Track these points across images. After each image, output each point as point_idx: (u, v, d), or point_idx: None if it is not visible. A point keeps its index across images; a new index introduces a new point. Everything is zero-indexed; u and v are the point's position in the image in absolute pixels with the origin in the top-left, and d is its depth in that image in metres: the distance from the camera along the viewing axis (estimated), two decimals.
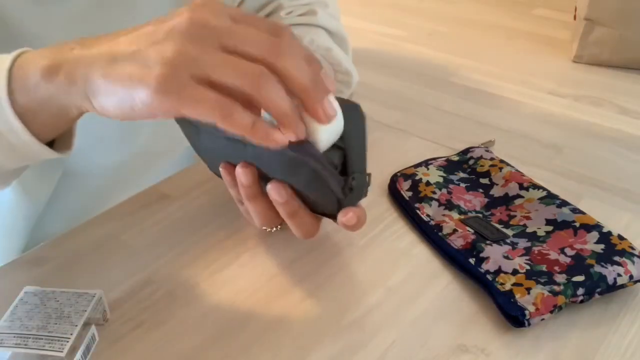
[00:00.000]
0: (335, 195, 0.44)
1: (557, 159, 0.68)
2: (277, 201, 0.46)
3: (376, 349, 0.45)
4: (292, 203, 0.46)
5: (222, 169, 0.48)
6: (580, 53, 0.92)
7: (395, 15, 1.14)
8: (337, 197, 0.44)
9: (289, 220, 0.47)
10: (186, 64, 0.36)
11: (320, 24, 0.69)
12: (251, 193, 0.47)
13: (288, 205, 0.46)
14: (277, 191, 0.45)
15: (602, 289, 0.47)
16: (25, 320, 0.44)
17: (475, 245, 0.51)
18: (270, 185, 0.45)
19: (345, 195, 0.44)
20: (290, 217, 0.47)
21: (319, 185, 0.44)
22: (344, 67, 0.69)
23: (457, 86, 0.85)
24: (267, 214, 0.48)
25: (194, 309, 0.49)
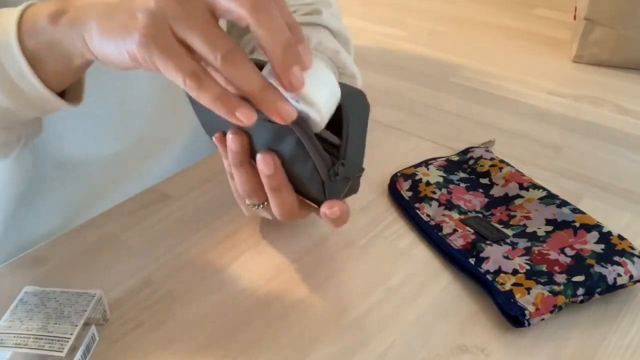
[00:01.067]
0: (320, 176, 0.43)
1: (557, 159, 0.68)
2: (263, 172, 0.45)
3: (376, 349, 0.45)
4: (278, 177, 0.45)
5: (216, 138, 0.48)
6: (580, 53, 0.92)
7: (395, 15, 1.14)
8: (321, 178, 0.43)
9: (271, 195, 0.47)
10: (167, 18, 0.37)
11: (324, 23, 0.69)
12: (238, 160, 0.47)
13: (273, 179, 0.45)
14: (265, 162, 0.45)
15: (602, 289, 0.47)
16: (25, 320, 0.44)
17: (475, 245, 0.51)
18: (259, 155, 0.45)
19: (330, 179, 0.43)
20: (274, 192, 0.46)
21: (302, 160, 0.43)
22: (350, 70, 0.69)
23: (457, 86, 0.85)
24: (252, 184, 0.47)
25: (194, 309, 0.49)
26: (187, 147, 0.75)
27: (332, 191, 0.44)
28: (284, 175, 0.46)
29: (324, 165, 0.43)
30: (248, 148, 0.46)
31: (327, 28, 0.69)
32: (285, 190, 0.46)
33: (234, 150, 0.46)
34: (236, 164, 0.47)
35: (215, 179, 0.64)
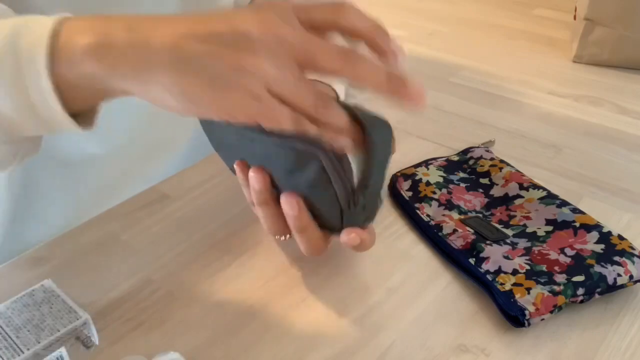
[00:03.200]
0: (339, 204, 0.43)
1: (557, 159, 0.68)
2: (288, 213, 0.45)
3: (376, 349, 0.45)
4: (303, 217, 0.45)
5: (237, 167, 0.48)
6: (580, 53, 0.92)
7: (395, 15, 1.14)
8: (340, 207, 0.44)
9: (297, 235, 0.47)
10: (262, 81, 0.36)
11: None
12: (262, 199, 0.47)
13: (299, 219, 0.46)
14: (289, 203, 0.45)
15: (602, 289, 0.47)
16: (14, 314, 0.43)
17: (475, 245, 0.51)
18: (283, 197, 0.45)
19: (349, 207, 0.43)
20: (300, 232, 0.47)
21: (324, 188, 0.43)
22: None
23: (457, 86, 0.85)
24: (277, 222, 0.48)
25: (194, 309, 0.49)
26: (188, 148, 0.75)
27: (350, 220, 0.45)
28: (308, 214, 0.46)
29: (344, 194, 0.43)
30: (270, 186, 0.46)
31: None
32: (311, 229, 0.46)
33: (257, 189, 0.46)
34: (260, 202, 0.47)
35: (215, 179, 0.64)
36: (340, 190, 0.43)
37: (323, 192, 0.44)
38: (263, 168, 0.46)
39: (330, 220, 0.46)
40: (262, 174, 0.46)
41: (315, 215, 0.46)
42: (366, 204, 0.44)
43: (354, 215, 0.44)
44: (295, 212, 0.45)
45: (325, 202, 0.44)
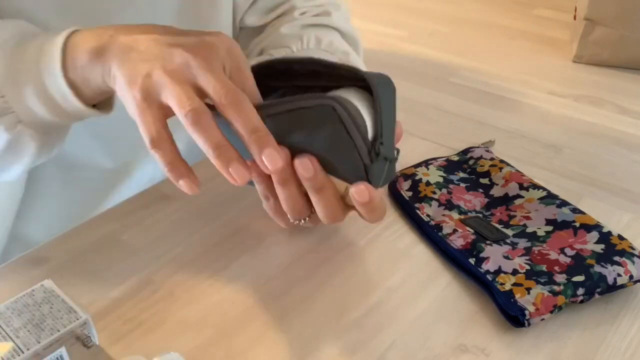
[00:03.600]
0: (361, 158, 0.42)
1: (557, 159, 0.68)
2: (303, 176, 0.45)
3: (376, 349, 0.45)
4: (320, 177, 0.45)
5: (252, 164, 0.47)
6: (580, 53, 0.92)
7: (395, 15, 1.14)
8: (362, 161, 0.43)
9: (315, 198, 0.46)
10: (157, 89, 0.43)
11: (334, 25, 0.69)
12: (285, 177, 0.46)
13: (315, 180, 0.45)
14: (304, 166, 0.44)
15: (602, 289, 0.47)
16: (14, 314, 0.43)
17: (475, 245, 0.51)
18: (296, 160, 0.44)
19: (372, 160, 0.43)
20: (317, 193, 0.46)
21: (343, 143, 0.42)
22: None
23: (457, 86, 0.85)
24: (298, 200, 0.47)
25: (194, 309, 0.49)
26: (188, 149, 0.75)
27: (373, 174, 0.44)
28: (324, 174, 0.45)
29: (365, 147, 0.42)
30: (290, 164, 0.45)
31: (337, 29, 0.70)
32: (329, 189, 0.46)
33: (280, 167, 0.44)
34: (282, 181, 0.46)
35: (215, 179, 0.64)
36: (360, 142, 0.42)
37: (343, 150, 0.43)
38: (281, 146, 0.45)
39: (354, 178, 0.44)
40: (283, 151, 0.45)
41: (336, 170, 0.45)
42: (386, 156, 0.43)
43: (377, 168, 0.43)
44: (311, 172, 0.44)
45: (348, 159, 0.43)
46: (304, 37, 0.66)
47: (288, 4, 0.70)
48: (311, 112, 0.42)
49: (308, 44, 0.66)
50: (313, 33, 0.67)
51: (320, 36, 0.66)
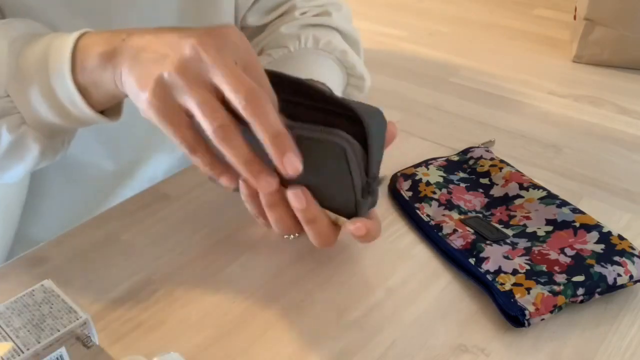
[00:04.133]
0: (355, 194, 0.43)
1: (557, 159, 0.68)
2: (296, 208, 0.45)
3: (376, 349, 0.45)
4: (312, 209, 0.45)
5: (242, 181, 0.47)
6: (580, 53, 0.92)
7: (395, 15, 1.14)
8: (355, 197, 0.43)
9: (307, 227, 0.47)
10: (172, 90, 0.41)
11: (334, 25, 0.69)
12: (272, 200, 0.46)
13: (307, 212, 0.45)
14: (296, 197, 0.45)
15: (602, 289, 0.47)
16: (14, 314, 0.43)
17: (475, 245, 0.51)
18: (289, 191, 0.45)
19: (364, 196, 0.43)
20: (309, 224, 0.46)
21: (342, 178, 0.43)
22: (358, 71, 0.69)
23: (457, 86, 0.85)
24: (287, 221, 0.47)
25: (194, 309, 0.49)
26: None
27: (362, 207, 0.45)
28: (317, 206, 0.45)
29: (360, 185, 0.43)
30: (280, 186, 0.45)
31: (337, 30, 0.70)
32: (320, 220, 0.46)
33: (268, 192, 0.45)
34: (270, 204, 0.46)
35: None
36: (357, 180, 0.43)
37: (342, 185, 0.43)
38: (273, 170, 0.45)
39: (342, 210, 0.46)
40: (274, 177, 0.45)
41: (325, 205, 0.46)
42: (373, 190, 0.44)
43: (366, 203, 0.44)
44: (304, 205, 0.45)
45: (342, 194, 0.44)
46: (302, 37, 0.66)
47: (289, 4, 0.70)
48: (321, 145, 0.42)
49: (306, 43, 0.66)
50: (311, 33, 0.67)
51: (318, 36, 0.67)
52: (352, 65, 0.68)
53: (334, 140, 0.41)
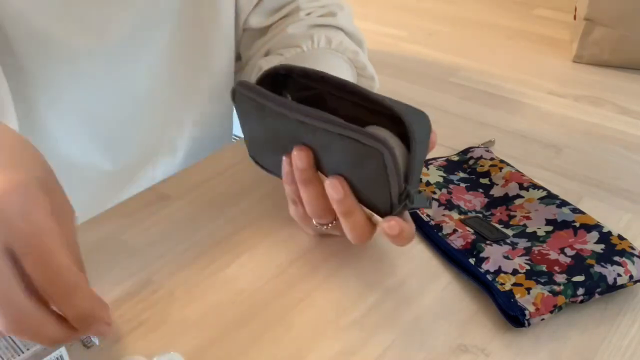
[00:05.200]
0: (390, 197, 0.44)
1: (557, 159, 0.68)
2: (333, 198, 0.45)
3: (376, 349, 0.45)
4: (349, 201, 0.45)
5: (286, 158, 0.48)
6: (580, 53, 0.92)
7: (395, 15, 1.14)
8: (390, 200, 0.44)
9: (343, 219, 0.46)
10: None
11: (339, 25, 0.69)
12: (306, 177, 0.46)
13: (344, 204, 0.45)
14: (334, 187, 0.45)
15: (602, 289, 0.47)
16: None
17: (475, 245, 0.51)
18: (328, 180, 0.45)
19: (400, 202, 0.44)
20: (345, 216, 0.46)
21: (380, 183, 0.43)
22: (369, 72, 0.69)
23: (457, 86, 0.85)
24: (320, 203, 0.47)
25: (194, 309, 0.49)
26: (188, 154, 0.75)
27: (397, 211, 0.45)
28: (354, 198, 0.45)
29: (397, 190, 0.43)
30: (313, 164, 0.46)
31: (342, 30, 0.70)
32: (357, 213, 0.46)
33: (300, 168, 0.46)
34: (303, 181, 0.47)
35: (215, 179, 0.64)
36: (395, 187, 0.43)
37: (377, 188, 0.44)
38: (308, 147, 0.46)
39: (377, 209, 0.46)
40: (307, 151, 0.46)
41: (362, 201, 0.46)
42: (415, 197, 0.44)
43: (399, 208, 0.44)
44: (340, 195, 0.45)
45: (379, 196, 0.44)
46: (315, 37, 0.66)
47: (293, 5, 0.70)
48: (361, 148, 0.43)
49: (319, 43, 0.66)
50: (323, 33, 0.67)
51: (330, 36, 0.67)
52: (363, 65, 0.68)
53: (375, 146, 0.42)
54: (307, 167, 0.46)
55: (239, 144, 0.70)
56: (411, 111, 0.45)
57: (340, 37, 0.68)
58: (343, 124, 0.43)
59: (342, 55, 0.67)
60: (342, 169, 0.45)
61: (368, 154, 0.42)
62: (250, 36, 0.73)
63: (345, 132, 0.43)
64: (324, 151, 0.46)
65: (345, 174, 0.45)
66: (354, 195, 0.46)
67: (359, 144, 0.42)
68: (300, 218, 0.51)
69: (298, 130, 0.46)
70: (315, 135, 0.45)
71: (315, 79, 0.51)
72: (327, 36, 0.67)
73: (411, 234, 0.46)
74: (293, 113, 0.45)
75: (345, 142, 0.43)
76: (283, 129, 0.47)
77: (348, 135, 0.43)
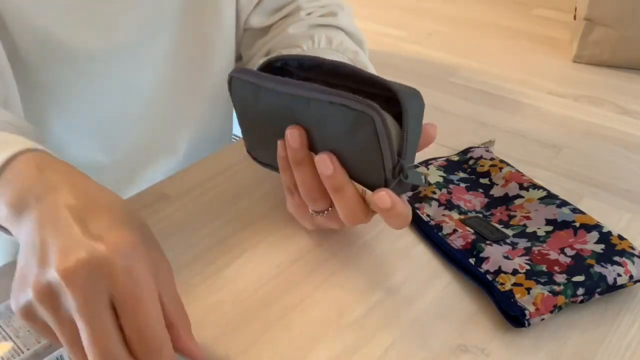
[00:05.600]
0: (384, 172, 0.43)
1: (557, 159, 0.68)
2: (323, 174, 0.45)
3: (376, 349, 0.45)
4: (339, 176, 0.45)
5: (281, 142, 0.47)
6: (580, 53, 0.92)
7: (395, 15, 1.14)
8: (384, 175, 0.43)
9: (334, 197, 0.46)
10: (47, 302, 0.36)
11: (339, 25, 0.69)
12: (299, 157, 0.46)
13: (335, 178, 0.45)
14: (323, 163, 0.44)
15: (602, 289, 0.47)
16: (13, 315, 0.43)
17: (475, 245, 0.51)
18: (317, 157, 0.45)
19: (394, 176, 0.43)
20: (336, 192, 0.45)
21: (372, 154, 0.43)
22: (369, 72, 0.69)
23: (457, 86, 0.85)
24: (314, 183, 0.47)
25: (194, 309, 0.48)
26: (188, 154, 0.75)
27: (390, 187, 0.44)
28: (345, 173, 0.45)
29: (390, 163, 0.43)
30: (307, 145, 0.46)
31: (343, 30, 0.70)
32: (348, 189, 0.45)
33: (293, 147, 0.46)
34: (296, 161, 0.46)
35: (215, 179, 0.64)
36: (387, 158, 0.42)
37: (370, 159, 0.43)
38: (301, 126, 0.46)
39: (370, 183, 0.45)
40: (300, 129, 0.46)
41: (354, 178, 0.46)
42: (408, 172, 0.44)
43: (393, 184, 0.44)
44: (330, 170, 0.44)
45: (371, 169, 0.44)
46: (315, 37, 0.66)
47: (293, 5, 0.70)
48: (351, 114, 0.42)
49: (319, 43, 0.66)
50: (323, 33, 0.67)
51: (330, 36, 0.67)
52: (363, 65, 0.68)
53: (365, 110, 0.42)
54: (300, 147, 0.46)
55: (239, 144, 0.70)
56: (404, 88, 0.45)
57: (340, 37, 0.68)
58: (333, 92, 0.43)
59: (342, 56, 0.67)
60: (334, 144, 0.45)
61: (359, 121, 0.42)
62: (251, 36, 0.73)
63: (336, 98, 0.43)
64: (317, 128, 0.45)
65: (337, 149, 0.45)
66: (347, 173, 0.45)
67: (349, 110, 0.42)
68: (296, 208, 0.51)
69: (291, 107, 0.46)
70: (307, 109, 0.45)
71: (309, 68, 0.51)
72: (328, 36, 0.67)
73: (405, 212, 0.44)
74: (285, 87, 0.45)
75: (336, 110, 0.43)
76: (277, 110, 0.47)
77: (339, 102, 0.42)
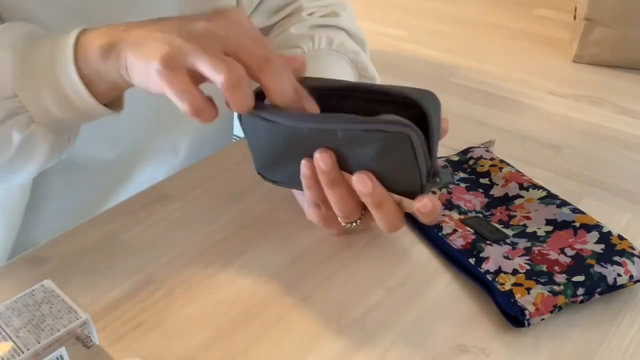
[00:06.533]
0: (420, 179, 0.44)
1: (557, 159, 0.68)
2: (362, 192, 0.45)
3: (376, 349, 0.45)
4: (378, 192, 0.45)
5: (305, 162, 0.47)
6: (580, 53, 0.92)
7: (395, 15, 1.14)
8: (420, 182, 0.44)
9: (375, 211, 0.47)
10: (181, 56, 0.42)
11: (341, 25, 0.69)
12: (332, 178, 0.46)
13: (374, 196, 0.45)
14: (362, 182, 0.45)
15: (602, 289, 0.47)
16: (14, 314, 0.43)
17: (475, 245, 0.51)
18: (355, 177, 0.45)
19: (429, 181, 0.44)
20: (377, 207, 0.46)
21: (408, 166, 0.44)
22: (370, 73, 0.69)
23: (457, 86, 0.85)
24: (349, 202, 0.47)
25: (194, 309, 0.49)
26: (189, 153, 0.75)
27: (425, 191, 0.45)
28: (383, 189, 0.46)
29: (425, 170, 0.44)
30: (337, 165, 0.46)
31: (344, 30, 0.70)
32: (388, 203, 0.46)
33: (325, 170, 0.46)
34: (329, 183, 0.47)
35: (215, 179, 0.64)
36: (423, 167, 0.43)
37: (407, 171, 0.44)
38: (328, 148, 0.46)
39: (406, 193, 0.46)
40: (329, 152, 0.46)
41: (390, 188, 0.46)
42: (441, 172, 0.45)
43: (429, 187, 0.45)
44: (369, 188, 0.45)
45: (408, 179, 0.45)
46: (315, 38, 0.66)
47: (295, 5, 0.70)
48: (387, 136, 0.43)
49: (319, 44, 0.66)
50: (324, 33, 0.67)
51: (331, 37, 0.67)
52: (364, 66, 0.68)
53: (402, 131, 0.42)
54: (332, 169, 0.46)
55: (239, 144, 0.70)
56: (420, 92, 0.46)
57: (341, 37, 0.68)
58: (362, 119, 0.43)
59: (343, 56, 0.67)
60: (366, 162, 0.45)
61: (395, 141, 0.43)
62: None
63: (368, 126, 0.43)
64: (345, 150, 0.45)
65: (370, 166, 0.45)
66: (384, 186, 0.46)
67: (384, 133, 0.42)
68: (322, 220, 0.51)
69: (314, 137, 0.46)
70: (335, 136, 0.45)
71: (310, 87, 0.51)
72: (329, 37, 0.67)
73: (439, 208, 0.46)
74: (307, 123, 0.45)
75: (369, 135, 0.43)
76: (297, 140, 0.47)
77: (372, 128, 0.43)
